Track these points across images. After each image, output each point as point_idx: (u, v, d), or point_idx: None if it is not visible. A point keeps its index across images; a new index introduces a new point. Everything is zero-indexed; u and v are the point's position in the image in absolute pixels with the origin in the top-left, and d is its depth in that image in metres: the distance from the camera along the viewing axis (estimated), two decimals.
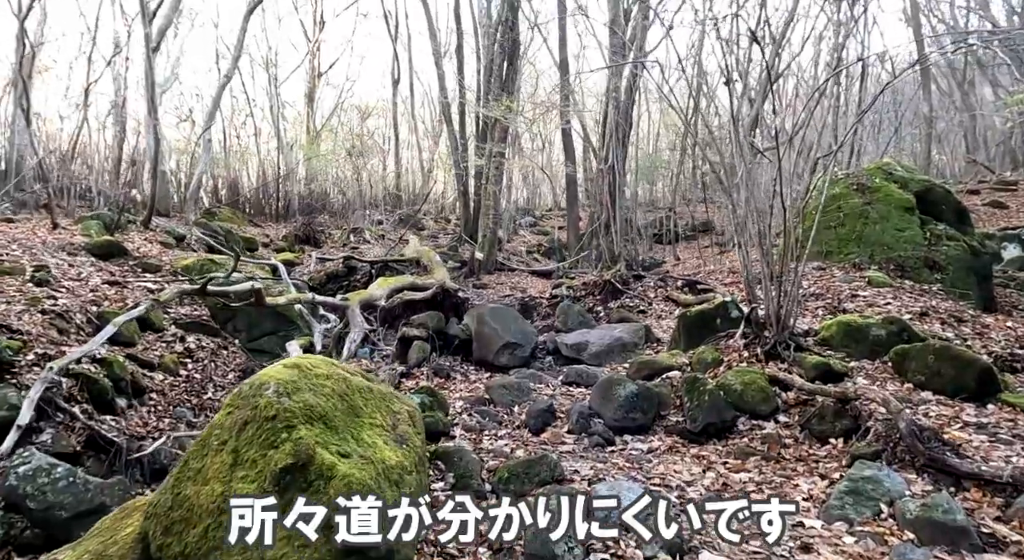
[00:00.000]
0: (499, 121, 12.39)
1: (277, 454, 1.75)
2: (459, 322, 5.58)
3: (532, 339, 4.91)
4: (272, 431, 1.80)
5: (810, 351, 4.14)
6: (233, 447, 1.78)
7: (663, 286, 7.01)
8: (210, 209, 17.85)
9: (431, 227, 21.83)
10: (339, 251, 11.88)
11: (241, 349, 7.48)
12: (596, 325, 5.78)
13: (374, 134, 28.85)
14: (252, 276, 8.05)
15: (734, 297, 4.44)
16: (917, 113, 19.22)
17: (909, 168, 7.64)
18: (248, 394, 1.93)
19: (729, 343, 4.21)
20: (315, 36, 23.88)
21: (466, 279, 12.63)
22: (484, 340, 4.80)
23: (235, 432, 1.81)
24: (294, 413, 1.88)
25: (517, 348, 4.78)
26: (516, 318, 5.16)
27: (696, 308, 4.59)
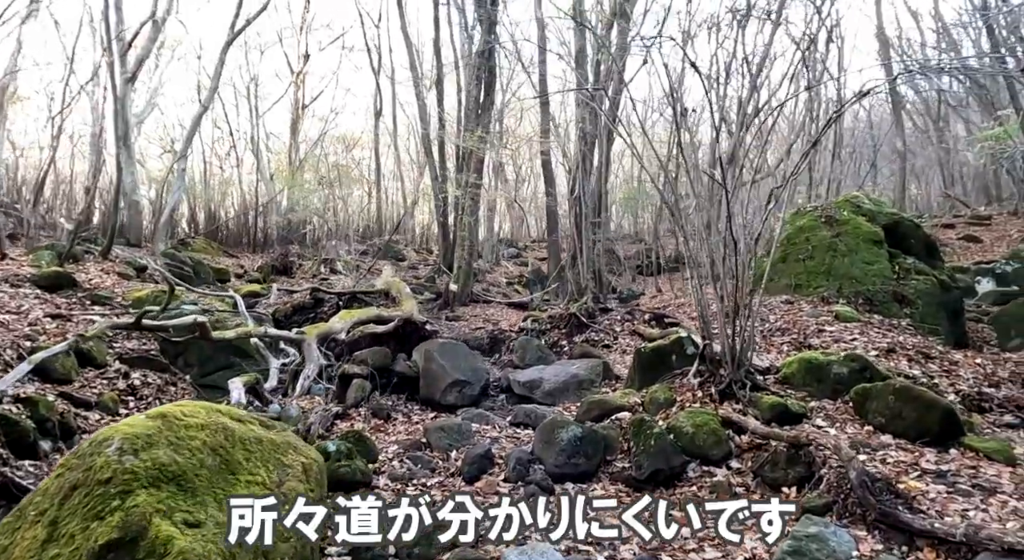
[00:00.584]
0: (474, 152, 12.34)
1: (101, 527, 1.49)
2: (408, 358, 5.32)
3: (482, 376, 4.66)
4: (103, 498, 1.55)
5: (767, 390, 3.93)
6: (52, 518, 1.52)
7: (630, 319, 6.81)
8: (184, 239, 17.59)
9: (412, 258, 21.64)
10: (309, 282, 11.61)
11: (192, 385, 7.14)
12: (555, 360, 5.55)
13: (360, 164, 28.88)
14: (207, 309, 7.77)
15: (690, 332, 4.25)
16: (895, 149, 19.51)
17: (877, 201, 7.59)
18: (85, 452, 1.69)
19: (683, 381, 4.00)
20: (299, 69, 24.00)
21: (440, 311, 12.39)
22: (431, 378, 4.55)
23: (58, 500, 1.56)
24: (136, 475, 1.63)
25: (465, 386, 4.53)
26: (466, 354, 4.91)
27: (651, 345, 4.39)
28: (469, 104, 13.33)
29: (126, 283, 8.75)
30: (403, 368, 4.70)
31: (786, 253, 7.01)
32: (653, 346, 4.35)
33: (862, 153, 21.74)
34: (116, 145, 9.63)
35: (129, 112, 15.35)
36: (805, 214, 7.29)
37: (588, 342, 6.39)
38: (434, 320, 11.56)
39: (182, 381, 7.16)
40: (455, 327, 10.69)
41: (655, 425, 3.37)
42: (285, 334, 6.87)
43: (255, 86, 21.73)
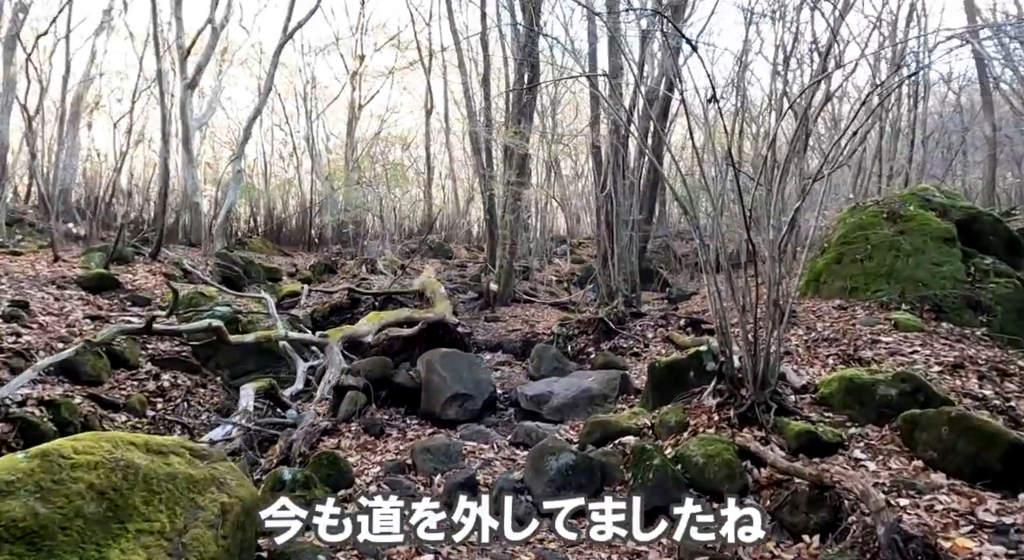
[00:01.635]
0: (515, 150, 12.03)
1: None
2: (412, 367, 5.08)
3: (486, 389, 4.34)
4: None
5: (796, 414, 3.44)
6: None
7: (664, 325, 6.34)
8: (241, 239, 18.19)
9: (462, 256, 21.60)
10: (348, 282, 11.66)
11: (223, 386, 7.22)
12: (573, 370, 5.17)
13: (416, 162, 29.15)
14: (239, 310, 7.84)
15: (711, 346, 3.79)
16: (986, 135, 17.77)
17: (950, 194, 6.75)
18: None
19: (699, 402, 3.56)
20: (355, 69, 24.33)
21: (481, 311, 12.18)
22: (432, 390, 4.29)
23: None
24: None
25: (467, 400, 4.24)
26: (470, 364, 4.61)
27: (666, 359, 3.95)
28: (512, 100, 13.03)
29: (166, 280, 8.97)
30: (404, 379, 4.46)
31: (840, 253, 6.33)
32: (668, 361, 3.91)
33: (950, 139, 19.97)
34: (162, 148, 9.92)
35: (189, 116, 15.95)
36: (865, 209, 6.57)
37: (616, 350, 5.97)
38: (473, 321, 11.37)
39: (213, 383, 7.24)
40: (492, 329, 10.46)
41: (654, 455, 2.96)
42: (308, 337, 6.81)
43: (311, 88, 22.18)
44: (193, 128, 16.65)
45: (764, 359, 3.33)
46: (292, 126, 24.92)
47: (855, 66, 14.34)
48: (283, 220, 21.11)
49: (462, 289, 14.09)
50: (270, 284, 13.83)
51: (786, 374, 4.17)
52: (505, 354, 8.94)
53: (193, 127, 16.63)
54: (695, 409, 3.50)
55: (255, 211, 22.38)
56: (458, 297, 13.47)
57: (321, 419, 3.94)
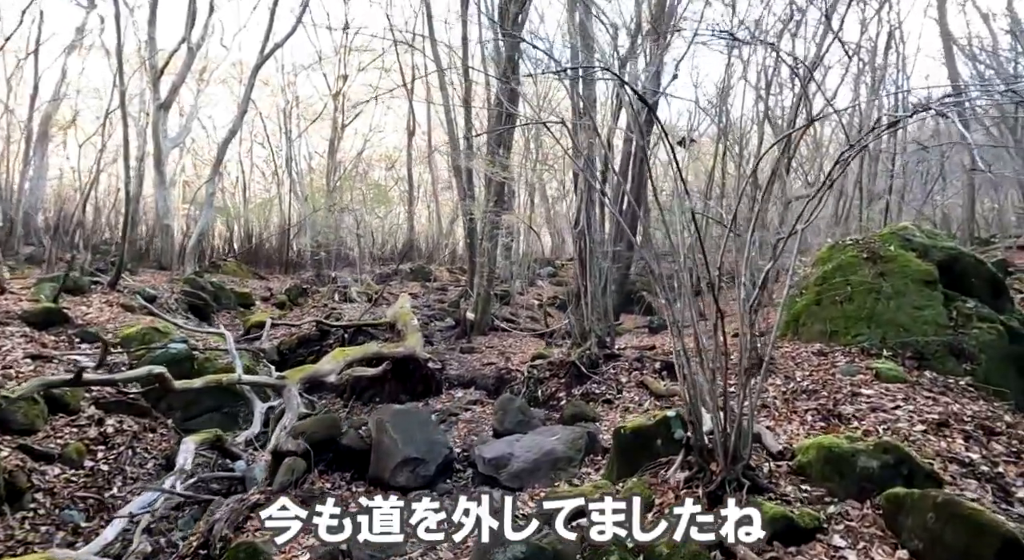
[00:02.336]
0: (493, 178, 11.82)
1: None
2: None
3: (439, 452, 3.99)
4: None
5: (771, 492, 3.15)
6: None
7: (639, 368, 6.05)
8: (215, 262, 17.75)
9: (444, 278, 21.28)
10: (320, 310, 11.29)
11: (174, 430, 6.81)
12: (539, 425, 4.84)
13: (399, 183, 28.91)
14: (195, 347, 7.45)
15: (679, 411, 3.50)
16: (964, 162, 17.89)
17: (931, 233, 6.58)
18: None
19: (667, 475, 3.26)
20: (337, 89, 24.12)
21: (457, 340, 11.85)
22: (381, 453, 3.93)
23: None
24: None
25: (419, 464, 3.88)
26: (423, 423, 4.25)
27: (631, 425, 3.64)
28: (490, 127, 12.86)
29: (127, 316, 8.56)
30: (352, 440, 4.10)
31: (820, 294, 6.11)
32: (633, 426, 3.60)
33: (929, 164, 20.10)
34: (124, 173, 9.55)
35: (162, 137, 15.61)
36: (844, 248, 6.37)
37: (588, 396, 5.65)
38: (448, 351, 11.03)
39: (163, 426, 6.83)
40: (466, 361, 10.12)
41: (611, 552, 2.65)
42: (263, 380, 6.44)
43: (292, 107, 21.92)
44: (167, 149, 16.29)
45: (736, 431, 3.05)
46: (273, 145, 24.62)
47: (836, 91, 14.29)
48: (260, 242, 20.68)
49: (439, 316, 13.76)
50: (241, 311, 13.42)
51: (762, 436, 3.89)
52: (478, 391, 8.60)
53: (167, 148, 16.27)
54: (661, 485, 3.20)
55: (232, 233, 21.95)
56: (435, 325, 13.13)
57: (252, 492, 3.57)
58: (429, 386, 8.50)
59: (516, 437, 4.30)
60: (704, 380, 3.06)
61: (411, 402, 8.25)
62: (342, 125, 24.51)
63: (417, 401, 8.33)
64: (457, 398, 8.34)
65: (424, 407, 8.13)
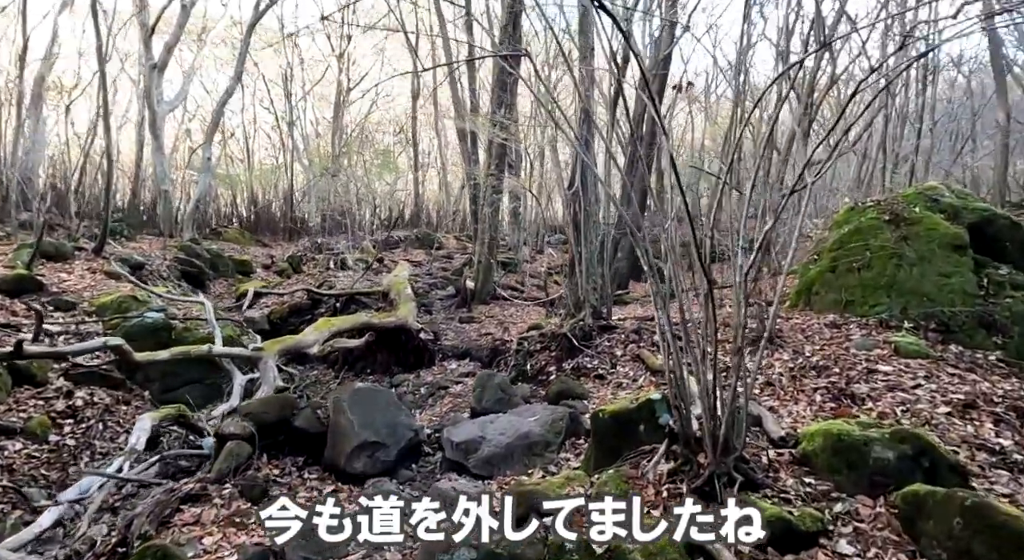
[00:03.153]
0: (494, 139, 11.23)
1: None
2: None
3: (403, 436, 3.60)
4: None
5: (768, 488, 2.72)
6: None
7: (637, 340, 5.60)
8: (216, 229, 17.45)
9: (451, 246, 20.83)
10: (316, 278, 10.94)
11: (151, 403, 6.54)
12: (520, 403, 4.43)
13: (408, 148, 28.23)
14: (173, 316, 7.13)
15: (664, 394, 3.05)
16: None
17: (961, 193, 5.97)
18: None
19: (648, 467, 2.85)
20: (341, 50, 23.35)
21: (457, 309, 11.46)
22: (338, 436, 3.54)
23: None
24: None
25: (379, 449, 3.48)
26: (386, 404, 3.84)
27: (610, 408, 3.21)
28: (493, 87, 12.19)
29: (109, 284, 8.27)
30: (307, 422, 3.71)
31: (836, 261, 5.58)
32: (613, 410, 3.16)
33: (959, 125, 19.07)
34: (105, 132, 9.13)
35: (156, 100, 15.14)
36: (864, 211, 5.80)
37: (578, 370, 5.23)
38: (447, 321, 10.65)
39: (139, 398, 6.55)
40: (464, 331, 9.74)
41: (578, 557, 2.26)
42: (237, 352, 6.10)
43: (293, 70, 21.29)
44: (163, 112, 15.84)
45: (728, 418, 2.61)
46: (278, 110, 24.04)
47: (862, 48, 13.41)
48: (263, 208, 20.34)
49: (441, 284, 13.35)
50: (239, 279, 13.13)
51: (763, 419, 3.45)
52: (472, 362, 8.23)
53: (163, 111, 15.82)
54: (640, 479, 2.78)
55: (235, 199, 21.62)
56: (435, 293, 12.73)
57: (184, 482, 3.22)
58: (421, 357, 8.15)
59: (491, 418, 3.90)
60: (694, 357, 2.61)
61: (403, 374, 7.93)
62: (347, 88, 23.84)
63: (409, 373, 8.00)
64: (450, 370, 7.99)
65: (415, 379, 7.80)
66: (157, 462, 4.40)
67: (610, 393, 4.85)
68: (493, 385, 4.42)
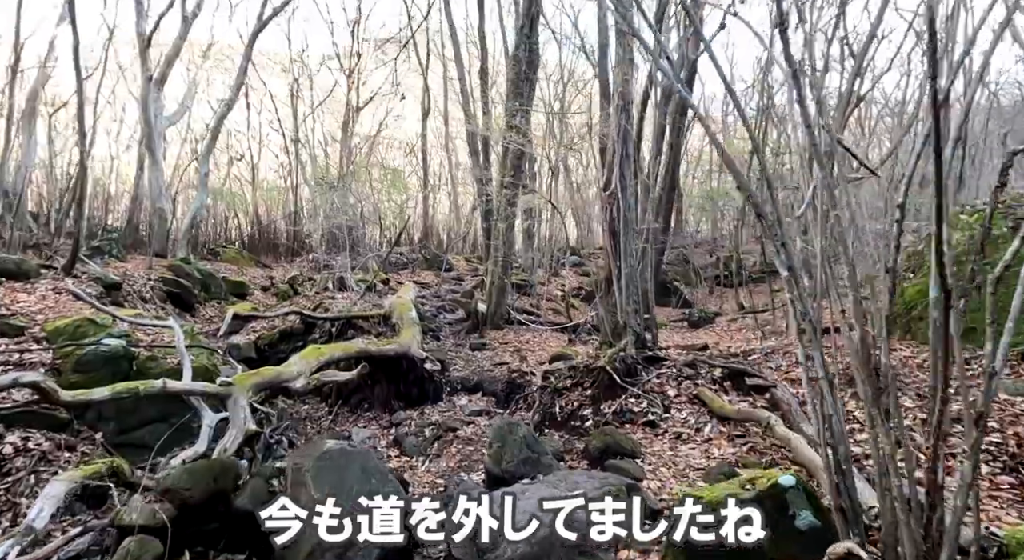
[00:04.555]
0: (510, 147, 10.26)
1: None
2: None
3: None
4: None
5: None
6: None
7: (692, 376, 4.47)
8: (214, 249, 16.58)
9: (461, 267, 19.86)
10: (311, 300, 9.91)
11: (102, 447, 5.46)
12: (551, 461, 3.27)
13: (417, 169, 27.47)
14: (133, 344, 6.08)
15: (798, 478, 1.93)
16: None
17: None
18: None
19: None
20: (351, 67, 22.72)
21: (468, 334, 10.37)
22: None
23: None
24: None
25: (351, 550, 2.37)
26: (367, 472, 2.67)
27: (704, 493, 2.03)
28: (509, 93, 11.28)
29: (76, 306, 7.27)
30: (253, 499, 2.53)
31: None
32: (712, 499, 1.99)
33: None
34: (80, 139, 8.24)
35: (153, 114, 14.39)
36: (974, 214, 4.68)
37: (622, 415, 4.07)
38: (456, 348, 9.54)
39: (87, 442, 5.45)
40: (475, 360, 8.62)
41: None
42: (199, 388, 5.01)
43: (299, 87, 20.65)
44: (161, 127, 15.08)
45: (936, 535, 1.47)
46: (285, 127, 23.38)
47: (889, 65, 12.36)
48: (265, 227, 19.48)
49: (451, 307, 12.27)
50: (234, 301, 12.15)
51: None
52: (485, 397, 7.11)
53: (161, 126, 15.06)
54: None
55: (237, 218, 20.80)
56: (444, 317, 11.65)
57: None
58: (426, 390, 7.04)
59: (517, 489, 2.75)
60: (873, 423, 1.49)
61: (405, 410, 6.82)
62: (356, 107, 23.14)
63: (412, 408, 6.89)
64: (459, 407, 6.86)
65: (419, 417, 6.68)
66: (77, 533, 3.29)
67: (668, 447, 3.70)
68: (516, 440, 3.27)
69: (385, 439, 6.26)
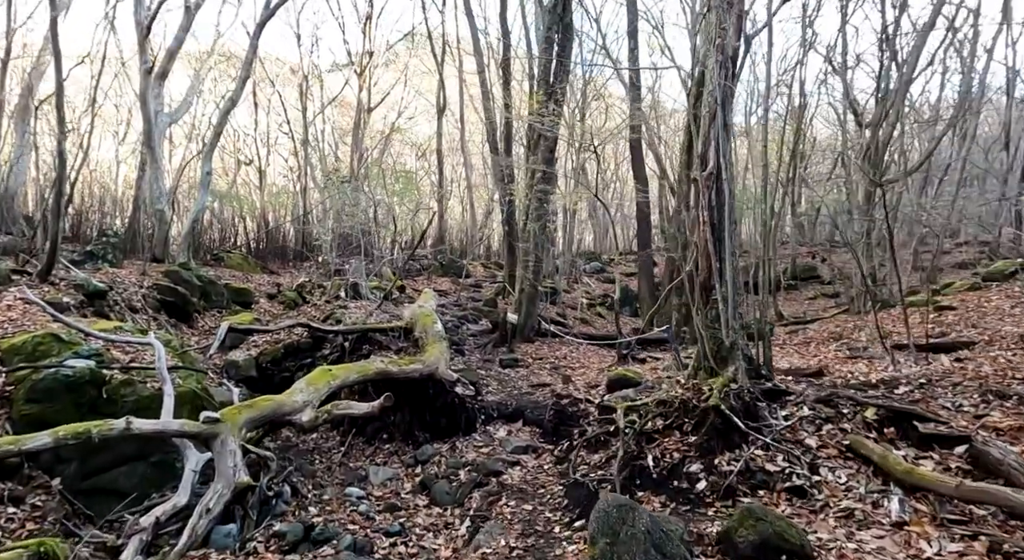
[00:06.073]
0: (543, 135, 9.13)
1: None
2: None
3: None
4: None
5: None
6: None
7: (833, 417, 3.28)
8: (218, 254, 15.54)
9: (478, 273, 18.74)
10: (322, 310, 8.79)
11: (61, 496, 4.34)
12: None
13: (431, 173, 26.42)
14: (106, 365, 4.97)
15: None
16: None
17: None
18: None
19: None
20: (362, 66, 21.72)
21: (495, 348, 9.20)
22: None
23: None
24: None
25: None
26: None
27: None
28: (539, 75, 10.17)
29: (43, 318, 6.19)
30: None
31: None
32: None
33: None
34: (58, 132, 7.20)
35: (152, 109, 13.39)
36: None
37: (748, 475, 2.90)
38: (484, 364, 8.38)
39: (41, 491, 4.36)
40: (509, 380, 7.46)
41: None
42: (175, 428, 3.89)
43: (306, 83, 19.68)
44: (162, 124, 14.09)
45: None
46: (294, 129, 22.41)
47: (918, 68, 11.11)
48: (272, 231, 18.46)
49: (473, 317, 11.11)
50: (237, 310, 11.07)
51: None
52: (527, 427, 5.94)
53: (162, 123, 14.07)
54: None
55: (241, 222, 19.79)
56: (467, 328, 10.50)
57: None
58: (457, 418, 5.89)
59: None
60: None
61: (431, 444, 5.66)
62: (368, 108, 22.13)
63: (441, 441, 5.75)
64: (497, 440, 5.70)
65: (449, 452, 5.54)
66: None
67: (843, 535, 2.51)
68: (636, 535, 2.07)
69: (410, 482, 5.11)
